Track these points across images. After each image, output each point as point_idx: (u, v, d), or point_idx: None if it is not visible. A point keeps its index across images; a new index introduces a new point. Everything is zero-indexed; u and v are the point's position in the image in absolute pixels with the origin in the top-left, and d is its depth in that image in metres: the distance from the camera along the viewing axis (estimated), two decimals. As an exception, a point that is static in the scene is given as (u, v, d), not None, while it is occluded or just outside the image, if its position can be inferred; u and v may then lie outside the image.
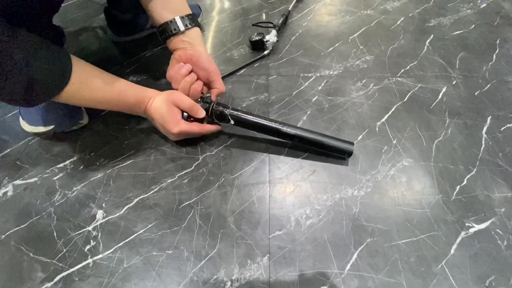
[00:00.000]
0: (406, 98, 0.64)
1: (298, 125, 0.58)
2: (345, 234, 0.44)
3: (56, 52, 0.39)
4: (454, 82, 0.68)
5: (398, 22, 0.86)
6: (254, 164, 0.53)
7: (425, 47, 0.77)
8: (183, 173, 0.51)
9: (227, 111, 0.51)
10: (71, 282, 0.39)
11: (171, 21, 0.50)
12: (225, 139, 0.56)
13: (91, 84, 0.43)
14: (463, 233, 0.44)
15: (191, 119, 0.51)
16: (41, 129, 0.53)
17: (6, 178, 0.51)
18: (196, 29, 0.53)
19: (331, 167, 0.52)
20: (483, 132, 0.58)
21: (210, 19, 0.86)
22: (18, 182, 0.50)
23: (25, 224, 0.45)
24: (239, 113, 0.52)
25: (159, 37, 0.54)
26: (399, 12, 0.90)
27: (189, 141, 0.55)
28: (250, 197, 0.48)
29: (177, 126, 0.49)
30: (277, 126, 0.51)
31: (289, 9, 0.86)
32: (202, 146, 0.55)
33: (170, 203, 0.47)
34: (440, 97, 0.64)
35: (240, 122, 0.52)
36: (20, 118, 0.55)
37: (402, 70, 0.70)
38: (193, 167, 0.52)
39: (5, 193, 0.49)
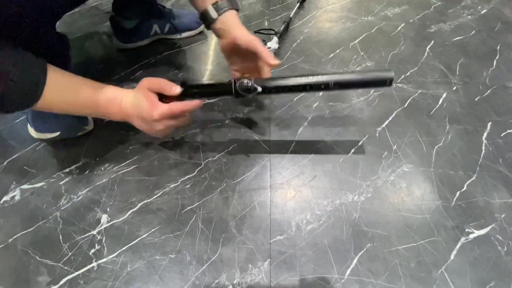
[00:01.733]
0: (406, 104, 0.64)
1: (299, 131, 0.59)
2: (345, 239, 0.44)
3: (30, 63, 0.38)
4: (454, 88, 0.68)
5: (399, 28, 0.87)
6: (256, 170, 0.53)
7: (426, 53, 0.78)
8: (185, 178, 0.52)
9: (251, 82, 0.45)
10: (76, 285, 0.40)
11: (206, 10, 0.50)
12: (227, 145, 0.57)
13: (64, 96, 0.42)
14: (463, 239, 0.44)
15: (167, 101, 0.45)
16: (48, 135, 0.55)
17: (14, 182, 0.52)
18: (230, 12, 0.50)
19: (332, 172, 0.53)
20: (483, 137, 0.58)
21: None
22: (25, 186, 0.51)
23: (32, 228, 0.46)
24: (264, 80, 0.47)
25: (206, 28, 0.54)
26: (399, 19, 0.91)
27: (191, 146, 0.56)
28: (252, 202, 0.49)
29: (156, 109, 0.43)
30: (306, 81, 0.45)
31: (291, 16, 0.87)
32: (205, 151, 0.56)
33: (173, 207, 0.48)
34: (440, 102, 0.65)
35: (267, 88, 0.46)
36: (28, 125, 0.56)
37: (403, 76, 0.71)
38: (195, 172, 0.53)
39: (12, 198, 0.50)
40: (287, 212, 0.48)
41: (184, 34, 0.82)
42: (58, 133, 0.55)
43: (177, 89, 0.45)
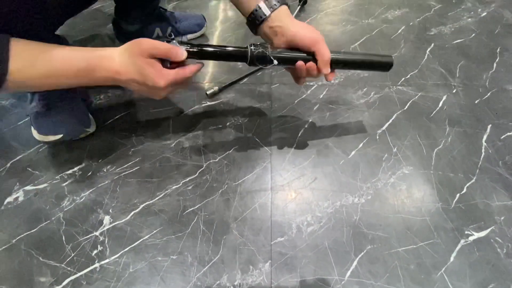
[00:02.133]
0: (406, 107, 0.65)
1: (300, 134, 0.60)
2: (345, 241, 0.45)
3: None
4: (454, 91, 0.69)
5: (399, 31, 0.87)
6: (257, 172, 0.54)
7: (426, 56, 0.78)
8: (187, 180, 0.52)
9: (268, 52, 0.45)
10: (79, 285, 0.41)
11: (256, 9, 0.46)
12: (228, 147, 0.57)
13: (34, 66, 0.38)
14: (462, 241, 0.45)
15: (172, 66, 0.43)
16: (51, 137, 0.55)
17: (17, 184, 0.52)
18: (283, 8, 0.46)
19: (332, 174, 0.53)
20: (483, 140, 0.58)
21: (213, 29, 0.89)
22: (28, 188, 0.52)
23: (35, 229, 0.47)
24: (281, 52, 0.46)
25: (251, 30, 0.51)
26: (400, 21, 0.91)
27: (193, 148, 0.57)
28: (253, 204, 0.49)
29: (163, 78, 0.41)
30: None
31: None
32: (206, 153, 0.56)
33: (175, 209, 0.48)
34: (440, 105, 0.65)
35: (283, 60, 0.46)
36: (32, 127, 0.57)
37: (403, 79, 0.72)
38: (197, 174, 0.53)
39: (16, 199, 0.50)
40: (288, 214, 0.48)
41: (186, 37, 0.83)
42: (60, 136, 0.55)
43: (184, 54, 0.43)
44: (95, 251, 0.44)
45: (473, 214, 0.48)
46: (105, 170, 0.54)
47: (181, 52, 0.42)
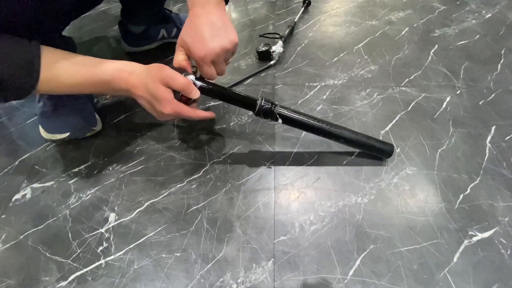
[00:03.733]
0: (410, 108, 0.65)
1: (303, 133, 0.60)
2: (348, 241, 0.45)
3: (21, 48, 0.37)
4: (458, 92, 0.69)
5: (403, 33, 0.87)
6: (260, 171, 0.54)
7: (430, 57, 0.78)
8: (191, 178, 0.53)
9: (275, 109, 0.48)
10: (85, 281, 0.41)
11: None
12: (232, 146, 0.58)
13: (62, 75, 0.41)
14: (466, 242, 0.45)
15: (183, 98, 0.45)
16: (58, 136, 0.56)
17: (25, 181, 0.53)
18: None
19: (335, 174, 0.53)
20: (487, 141, 0.58)
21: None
22: (36, 185, 0.53)
23: (42, 226, 0.48)
24: (288, 112, 0.49)
25: None
26: (403, 23, 0.91)
27: (197, 148, 0.57)
28: (256, 203, 0.50)
29: (171, 107, 0.43)
30: (324, 127, 0.50)
31: (295, 20, 0.89)
32: (210, 152, 0.57)
33: (179, 207, 0.49)
34: (444, 106, 0.65)
35: (288, 121, 0.50)
36: (39, 126, 0.58)
37: (406, 80, 0.72)
38: (201, 173, 0.54)
39: (24, 196, 0.51)
40: (291, 213, 0.48)
41: None
42: (67, 134, 0.56)
43: (197, 94, 0.44)
44: (100, 248, 0.45)
45: (477, 215, 0.48)
46: (110, 168, 0.55)
47: (194, 92, 0.44)
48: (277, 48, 0.76)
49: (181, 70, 0.46)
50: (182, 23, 0.80)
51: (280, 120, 0.49)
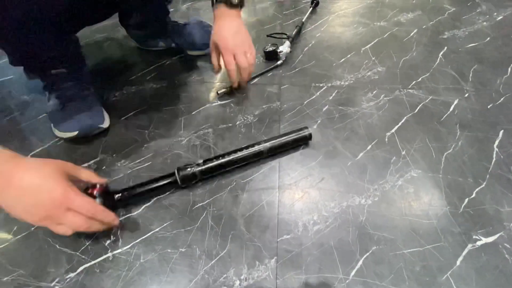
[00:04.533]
0: (416, 110, 0.65)
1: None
2: (351, 241, 0.45)
3: None
4: (466, 95, 0.68)
5: (411, 34, 0.87)
6: (264, 170, 0.55)
7: (438, 59, 0.78)
8: (197, 176, 0.54)
9: (194, 169, 0.49)
10: (93, 273, 0.43)
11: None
12: (237, 145, 0.58)
13: None
14: (470, 246, 0.44)
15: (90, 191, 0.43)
16: (68, 134, 0.58)
17: (37, 175, 0.55)
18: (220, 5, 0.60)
19: (340, 175, 0.54)
20: (495, 145, 0.58)
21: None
22: (47, 179, 0.54)
23: (52, 218, 0.49)
24: (209, 163, 0.50)
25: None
26: (412, 24, 0.91)
27: (203, 146, 0.58)
28: (260, 202, 0.50)
29: (65, 188, 0.36)
30: (240, 155, 0.52)
31: (303, 20, 0.89)
32: (216, 151, 0.58)
33: (185, 204, 0.50)
34: (451, 109, 0.65)
35: (208, 173, 0.51)
36: (52, 124, 0.60)
37: (414, 82, 0.71)
38: (206, 171, 0.55)
39: (35, 189, 0.53)
40: (295, 213, 0.49)
41: (191, 53, 0.80)
42: (76, 133, 0.57)
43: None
44: (108, 241, 0.46)
45: (482, 219, 0.47)
46: (119, 164, 0.56)
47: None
48: (284, 48, 0.76)
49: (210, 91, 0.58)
50: (182, 37, 0.78)
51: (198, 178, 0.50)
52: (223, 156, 0.52)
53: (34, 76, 0.62)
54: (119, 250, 0.45)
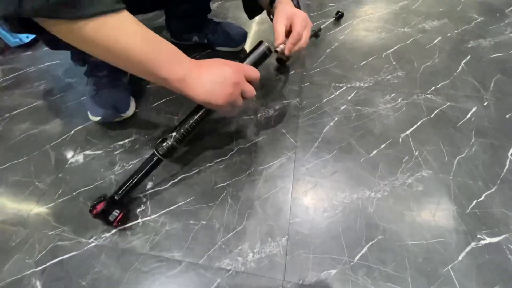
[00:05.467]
0: (433, 114, 0.67)
1: (325, 130, 0.64)
2: (358, 229, 0.49)
3: None
4: (485, 103, 0.69)
5: (435, 42, 0.88)
6: (281, 160, 0.59)
7: (460, 68, 0.79)
8: (219, 160, 0.59)
9: (170, 141, 0.49)
10: (125, 235, 0.49)
11: None
12: (257, 135, 0.63)
13: (131, 27, 0.38)
14: (473, 243, 0.47)
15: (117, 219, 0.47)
16: (94, 118, 0.64)
17: (79, 148, 0.62)
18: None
19: (352, 169, 0.57)
20: (509, 153, 0.59)
21: (250, 30, 0.95)
22: (87, 152, 0.61)
23: (91, 186, 0.56)
24: (182, 131, 0.50)
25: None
26: (437, 32, 0.92)
27: (226, 134, 0.63)
28: (275, 187, 0.55)
29: (238, 74, 0.45)
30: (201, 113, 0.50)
31: (321, 27, 0.90)
32: (237, 139, 0.63)
33: (207, 183, 0.55)
34: (468, 116, 0.66)
35: (184, 138, 0.51)
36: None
37: (433, 88, 0.73)
38: (228, 156, 0.60)
39: (77, 160, 0.60)
40: (307, 199, 0.53)
41: (220, 49, 0.86)
42: (99, 118, 0.63)
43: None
44: (138, 209, 0.52)
45: (488, 220, 0.49)
46: (150, 144, 0.62)
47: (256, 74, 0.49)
48: None
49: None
50: (216, 33, 0.83)
51: (177, 146, 0.50)
52: (188, 117, 0.51)
53: (78, 61, 0.69)
54: (148, 218, 0.51)
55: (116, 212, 0.47)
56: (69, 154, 0.61)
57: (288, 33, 0.57)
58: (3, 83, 0.82)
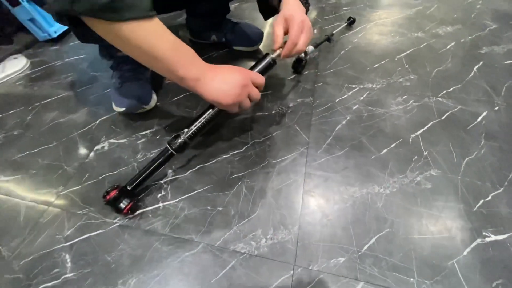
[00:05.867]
0: (444, 117, 0.68)
1: (337, 128, 0.66)
2: (367, 221, 0.51)
3: None
4: (496, 108, 0.70)
5: (448, 47, 0.89)
6: (294, 155, 0.62)
7: (472, 72, 0.80)
8: (235, 152, 0.62)
9: (182, 137, 0.53)
10: (147, 217, 0.52)
11: None
12: (271, 131, 0.66)
13: (160, 32, 0.44)
14: (478, 240, 0.48)
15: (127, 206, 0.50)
16: (118, 109, 0.68)
17: (104, 136, 0.66)
18: None
19: (362, 166, 0.59)
20: (518, 157, 0.60)
21: (266, 29, 0.98)
22: (112, 140, 0.65)
23: (116, 171, 0.60)
24: (194, 128, 0.54)
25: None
26: (451, 37, 0.93)
27: (242, 128, 0.66)
28: (288, 180, 0.57)
29: (247, 78, 0.51)
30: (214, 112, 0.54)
31: (333, 32, 0.92)
32: (252, 134, 0.66)
33: (223, 173, 0.58)
34: (479, 120, 0.68)
35: (199, 131, 0.54)
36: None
37: (444, 91, 0.75)
38: (243, 149, 0.63)
39: (103, 147, 0.64)
40: (318, 192, 0.55)
41: (237, 48, 0.89)
42: (123, 109, 0.67)
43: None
44: (159, 194, 0.55)
45: (494, 219, 0.51)
46: (170, 136, 0.66)
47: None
48: (309, 48, 0.80)
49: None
50: (233, 33, 0.87)
51: (189, 142, 0.54)
52: (199, 116, 0.55)
53: (105, 56, 0.74)
54: (168, 202, 0.54)
55: (126, 201, 0.51)
56: (95, 142, 0.65)
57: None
58: (32, 75, 0.87)
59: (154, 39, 0.43)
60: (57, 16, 0.41)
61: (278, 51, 0.58)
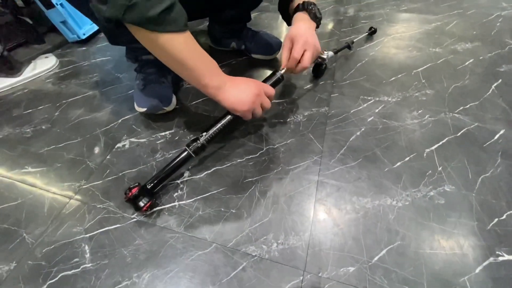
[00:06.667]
0: (459, 133, 0.68)
1: (351, 139, 0.67)
2: (378, 233, 0.51)
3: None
4: (514, 127, 0.69)
5: (466, 63, 0.89)
6: (307, 163, 0.63)
7: (490, 90, 0.80)
8: (249, 157, 0.64)
9: (200, 141, 0.57)
10: (163, 215, 0.54)
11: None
12: (286, 138, 0.68)
13: (190, 44, 0.51)
14: (491, 259, 0.48)
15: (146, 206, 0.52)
16: (140, 109, 0.71)
17: (125, 135, 0.69)
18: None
19: (375, 178, 0.60)
20: (536, 177, 0.59)
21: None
22: (132, 139, 0.68)
23: (135, 169, 0.62)
24: (211, 132, 0.58)
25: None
26: (469, 54, 0.93)
27: (257, 135, 0.68)
28: (301, 187, 0.58)
29: (260, 88, 0.58)
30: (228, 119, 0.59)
31: (354, 40, 0.94)
32: (267, 140, 0.67)
33: (238, 176, 0.60)
34: (496, 138, 0.67)
35: (215, 135, 0.58)
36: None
37: (461, 108, 0.74)
38: (258, 154, 0.64)
39: (124, 145, 0.67)
40: (330, 201, 0.56)
41: (255, 56, 0.92)
42: (145, 109, 0.70)
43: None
44: (176, 194, 0.57)
45: (508, 239, 0.50)
46: (188, 138, 0.68)
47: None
48: (328, 53, 0.82)
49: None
50: (253, 41, 0.90)
51: (206, 144, 0.58)
52: (217, 122, 0.59)
53: (131, 59, 0.78)
54: (184, 202, 0.56)
55: (145, 200, 0.53)
56: (117, 140, 0.68)
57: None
58: (61, 73, 0.92)
59: (186, 50, 0.50)
60: (106, 20, 0.45)
61: (285, 69, 0.66)
